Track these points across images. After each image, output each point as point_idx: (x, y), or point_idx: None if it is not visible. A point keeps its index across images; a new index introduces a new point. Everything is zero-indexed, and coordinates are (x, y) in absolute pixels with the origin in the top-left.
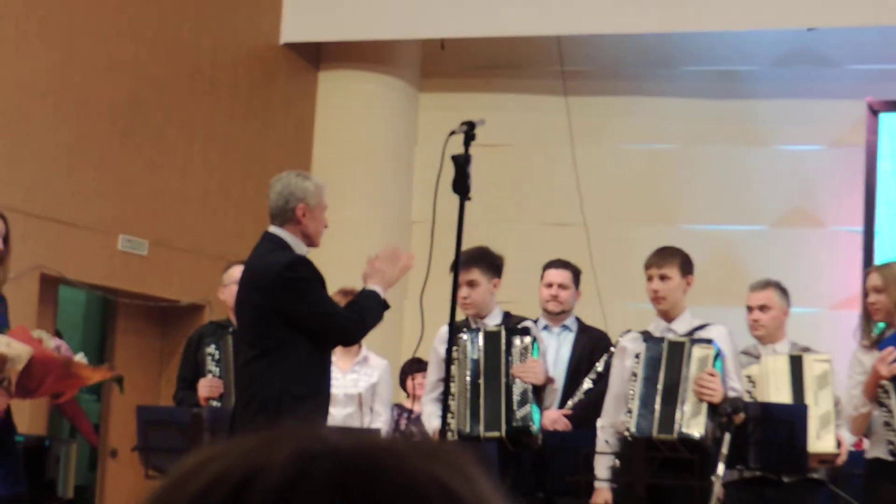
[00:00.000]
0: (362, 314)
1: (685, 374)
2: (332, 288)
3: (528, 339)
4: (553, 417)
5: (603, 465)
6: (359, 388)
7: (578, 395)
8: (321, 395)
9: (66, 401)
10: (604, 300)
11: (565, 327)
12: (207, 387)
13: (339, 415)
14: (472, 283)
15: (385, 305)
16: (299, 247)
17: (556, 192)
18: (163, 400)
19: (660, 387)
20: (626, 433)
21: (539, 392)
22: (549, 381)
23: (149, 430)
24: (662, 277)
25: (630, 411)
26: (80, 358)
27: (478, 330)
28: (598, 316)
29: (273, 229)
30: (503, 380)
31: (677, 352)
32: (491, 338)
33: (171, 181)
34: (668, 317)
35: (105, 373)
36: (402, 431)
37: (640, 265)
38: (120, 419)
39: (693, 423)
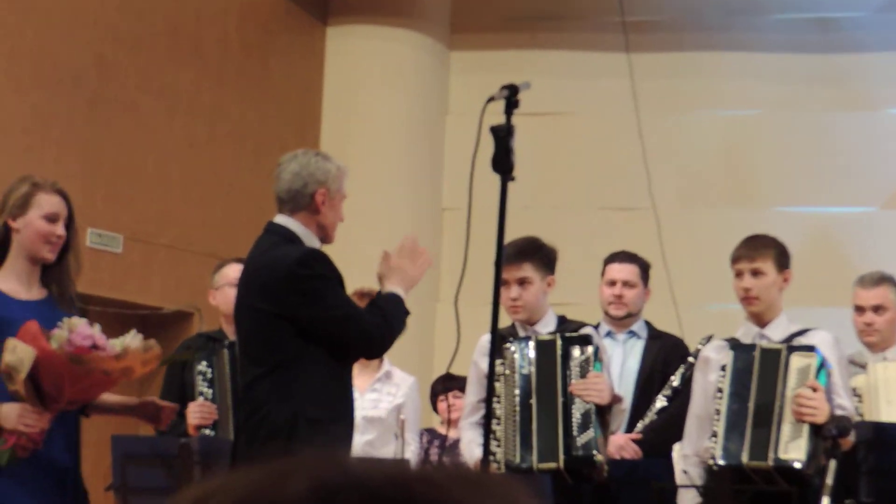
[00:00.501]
0: (388, 319)
1: (782, 388)
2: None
3: (589, 350)
4: (620, 443)
5: (683, 501)
6: (380, 410)
7: (650, 416)
8: (344, 419)
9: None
10: (679, 300)
11: (632, 334)
12: (198, 412)
13: (357, 442)
14: (523, 282)
15: (406, 311)
16: (311, 240)
17: (618, 169)
18: (143, 429)
19: (751, 405)
20: (711, 461)
21: (603, 413)
22: (616, 399)
23: (126, 465)
24: (755, 273)
25: (715, 435)
26: (129, 341)
27: (528, 339)
28: (672, 319)
29: (280, 219)
30: (560, 399)
31: (772, 362)
32: (544, 348)
33: (148, 163)
34: (760, 320)
35: (146, 358)
36: (434, 462)
37: (723, 257)
38: (91, 452)
39: (792, 448)
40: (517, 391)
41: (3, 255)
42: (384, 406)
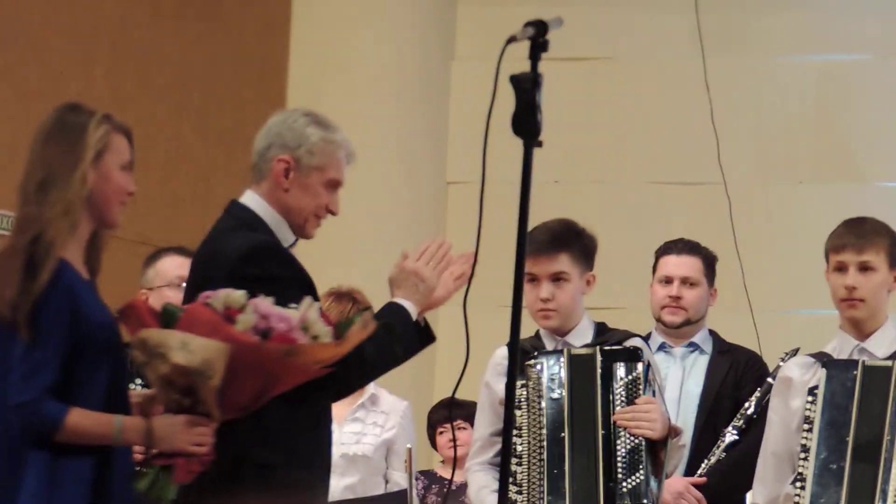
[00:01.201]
0: (364, 354)
1: (893, 418)
2: (322, 289)
3: (638, 368)
4: (679, 489)
5: None
6: (364, 445)
7: (717, 454)
8: (312, 464)
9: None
10: (755, 304)
11: (694, 347)
12: None
13: (336, 487)
14: (558, 278)
15: (422, 333)
16: (281, 228)
17: (677, 132)
18: None
19: (850, 439)
20: None
21: (656, 450)
22: (673, 432)
23: None
24: (863, 268)
25: (802, 477)
26: (306, 310)
27: (559, 353)
28: (747, 329)
29: (247, 196)
30: (600, 432)
31: (880, 383)
32: (580, 365)
33: None
34: (861, 330)
35: (361, 337)
36: None
37: (815, 245)
38: None
39: None
40: (544, 421)
41: None
42: (369, 441)
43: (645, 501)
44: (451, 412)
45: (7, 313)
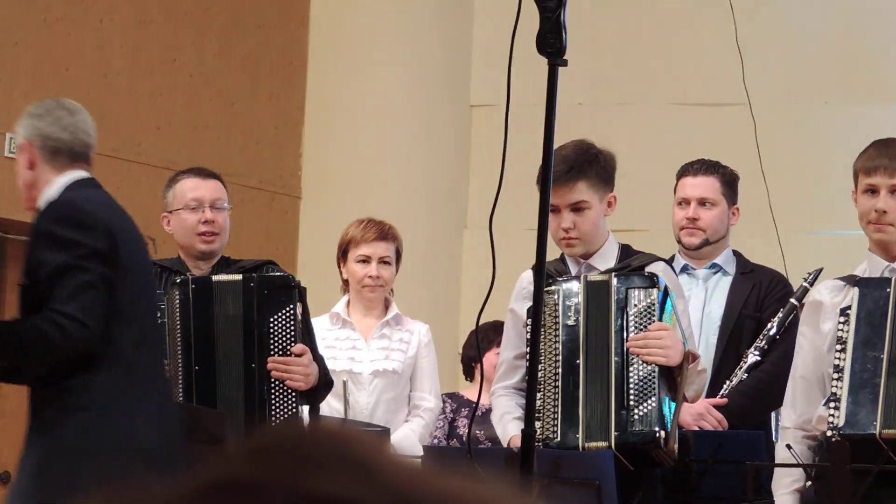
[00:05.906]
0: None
1: None
2: (349, 218)
3: (654, 294)
4: (699, 411)
5: (785, 486)
6: (392, 361)
7: (739, 375)
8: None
9: None
10: (781, 225)
11: (717, 268)
12: None
13: (367, 403)
14: (578, 207)
15: None
16: None
17: (701, 52)
18: None
19: (885, 356)
20: (830, 432)
21: (671, 377)
22: (691, 357)
23: None
24: (894, 191)
25: (836, 397)
26: None
27: (576, 279)
28: (773, 249)
29: None
30: (613, 359)
31: None
32: (595, 291)
33: (83, 45)
34: (889, 251)
35: None
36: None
37: (841, 166)
38: (13, 429)
39: None
40: (559, 348)
41: None
42: (397, 357)
43: (656, 429)
44: (477, 337)
45: None
